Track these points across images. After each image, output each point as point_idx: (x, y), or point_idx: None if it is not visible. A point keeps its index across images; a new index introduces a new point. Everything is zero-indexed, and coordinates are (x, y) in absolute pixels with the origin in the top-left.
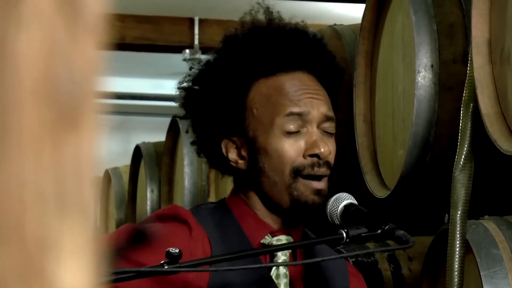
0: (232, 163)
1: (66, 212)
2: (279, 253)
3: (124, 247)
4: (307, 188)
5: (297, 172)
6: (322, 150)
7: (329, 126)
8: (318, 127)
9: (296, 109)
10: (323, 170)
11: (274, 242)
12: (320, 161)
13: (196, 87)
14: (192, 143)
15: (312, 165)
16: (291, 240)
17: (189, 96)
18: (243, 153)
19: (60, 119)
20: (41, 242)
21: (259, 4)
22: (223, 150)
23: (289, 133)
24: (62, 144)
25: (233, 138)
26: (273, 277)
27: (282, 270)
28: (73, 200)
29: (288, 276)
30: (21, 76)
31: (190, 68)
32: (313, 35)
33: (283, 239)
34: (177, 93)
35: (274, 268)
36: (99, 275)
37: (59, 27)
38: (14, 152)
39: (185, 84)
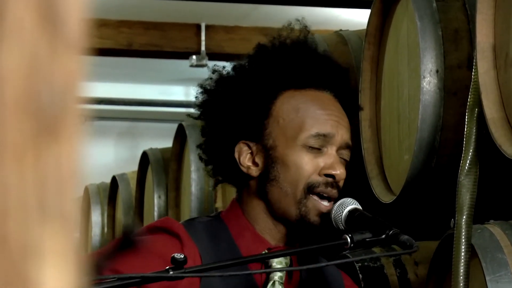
0: (243, 167)
1: (48, 219)
2: (276, 271)
3: (111, 253)
4: (315, 208)
5: (310, 188)
6: (338, 172)
7: (346, 153)
8: (337, 150)
9: (322, 130)
10: (334, 192)
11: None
12: (334, 183)
13: (219, 88)
14: (199, 146)
15: (326, 184)
16: (288, 257)
17: (210, 97)
18: (257, 159)
19: (42, 130)
20: (24, 249)
21: (298, 21)
22: (236, 153)
23: (311, 148)
24: (43, 154)
25: (249, 143)
26: None
27: (278, 286)
28: (55, 208)
29: None
30: (4, 90)
31: (213, 71)
32: (340, 64)
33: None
34: (197, 92)
35: (269, 285)
36: (81, 280)
37: (40, 42)
38: None
39: (207, 85)
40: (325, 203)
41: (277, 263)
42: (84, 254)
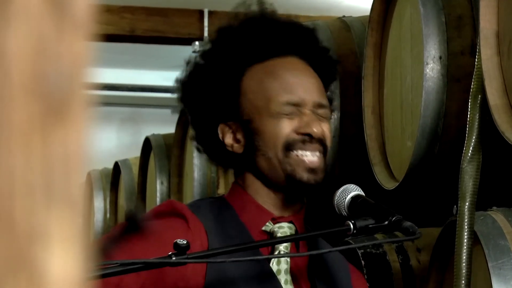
0: (228, 147)
1: (55, 203)
2: (280, 246)
3: (117, 236)
4: (300, 164)
5: (288, 147)
6: (314, 130)
7: (323, 112)
8: (311, 110)
9: (289, 98)
10: (314, 146)
11: (276, 229)
12: (312, 139)
13: (192, 78)
14: (193, 138)
15: (303, 141)
16: (293, 227)
17: (186, 88)
18: (239, 136)
19: (49, 112)
20: (30, 232)
21: None
22: (220, 135)
23: (284, 114)
24: (50, 137)
25: (229, 123)
26: (274, 271)
27: (284, 266)
28: (62, 192)
29: (289, 271)
30: (10, 71)
31: (187, 62)
32: (304, 25)
33: (285, 226)
34: (176, 87)
35: (274, 263)
36: (87, 264)
37: (47, 23)
38: (3, 144)
39: (182, 77)
40: (309, 157)
41: (282, 233)
42: (89, 239)
